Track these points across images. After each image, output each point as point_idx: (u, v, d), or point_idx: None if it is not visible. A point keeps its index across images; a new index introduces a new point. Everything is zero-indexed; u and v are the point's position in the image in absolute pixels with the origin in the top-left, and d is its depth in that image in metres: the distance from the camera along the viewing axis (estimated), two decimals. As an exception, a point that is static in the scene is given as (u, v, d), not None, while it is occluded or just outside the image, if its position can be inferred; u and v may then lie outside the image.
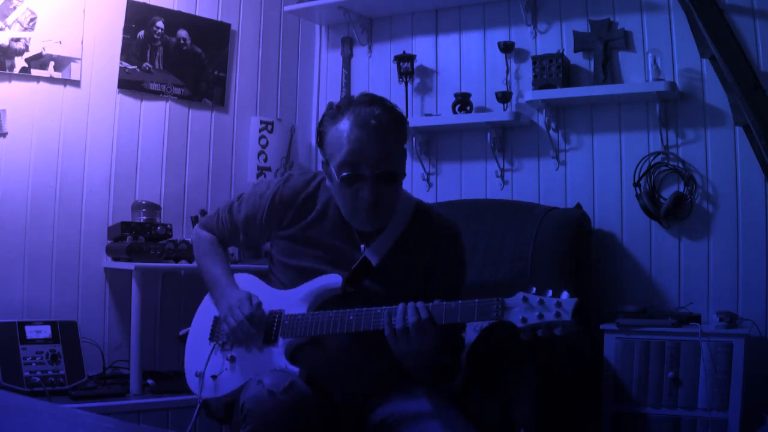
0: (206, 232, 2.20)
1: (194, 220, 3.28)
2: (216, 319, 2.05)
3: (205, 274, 2.13)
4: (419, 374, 1.90)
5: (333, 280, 1.91)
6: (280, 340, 1.89)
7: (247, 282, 2.08)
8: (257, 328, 1.90)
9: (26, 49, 2.98)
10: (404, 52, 3.45)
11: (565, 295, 1.59)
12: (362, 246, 1.94)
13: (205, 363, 1.98)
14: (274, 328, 1.92)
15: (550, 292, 1.60)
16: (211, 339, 2.03)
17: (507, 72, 3.25)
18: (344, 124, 1.85)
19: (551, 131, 3.19)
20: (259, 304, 1.94)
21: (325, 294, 1.92)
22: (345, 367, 1.90)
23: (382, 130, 1.84)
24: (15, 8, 2.95)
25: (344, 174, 1.84)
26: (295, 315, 1.90)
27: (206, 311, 2.11)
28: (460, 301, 1.71)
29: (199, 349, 2.04)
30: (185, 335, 2.13)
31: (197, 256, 2.20)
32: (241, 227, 2.10)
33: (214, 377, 1.95)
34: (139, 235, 2.94)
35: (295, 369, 1.82)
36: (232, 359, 1.94)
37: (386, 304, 1.79)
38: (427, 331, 1.71)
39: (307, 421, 1.71)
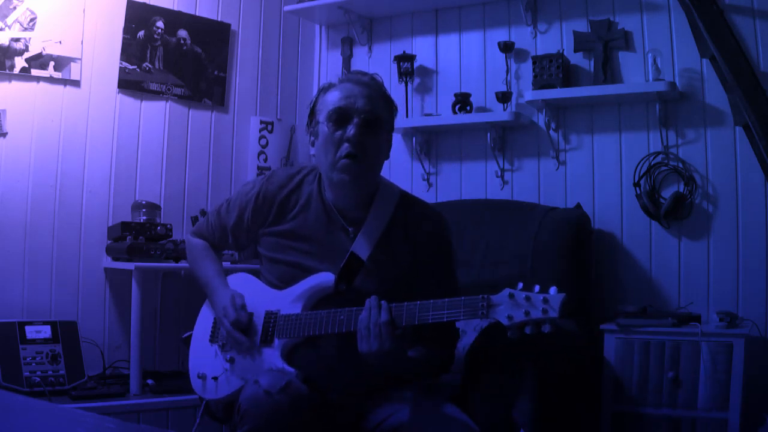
0: (198, 239, 2.20)
1: (194, 220, 3.28)
2: (215, 321, 2.07)
3: (199, 279, 2.14)
4: (391, 372, 1.87)
5: (325, 278, 1.90)
6: (276, 341, 1.90)
7: (242, 281, 2.08)
8: (245, 333, 1.91)
9: (26, 49, 2.98)
10: (404, 52, 3.44)
11: (552, 290, 1.56)
12: (351, 229, 1.92)
13: (207, 364, 1.99)
14: (270, 329, 1.92)
15: (537, 288, 1.57)
16: (211, 340, 2.04)
17: (507, 72, 3.25)
18: (336, 88, 1.93)
19: (551, 131, 3.19)
20: (243, 306, 1.94)
21: (319, 293, 1.91)
22: (340, 366, 1.90)
23: (372, 88, 1.92)
24: (15, 8, 2.95)
25: (331, 117, 1.88)
26: (289, 315, 1.90)
27: (207, 313, 2.12)
28: (446, 300, 1.69)
29: (201, 351, 2.05)
30: (189, 338, 2.14)
31: (190, 263, 2.20)
32: (229, 230, 2.10)
33: (215, 378, 1.96)
34: (139, 235, 2.94)
35: (292, 369, 1.83)
36: (232, 360, 1.95)
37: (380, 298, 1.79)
38: (383, 334, 1.70)
39: (304, 421, 1.70)
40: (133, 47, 3.25)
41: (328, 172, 1.91)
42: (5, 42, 2.93)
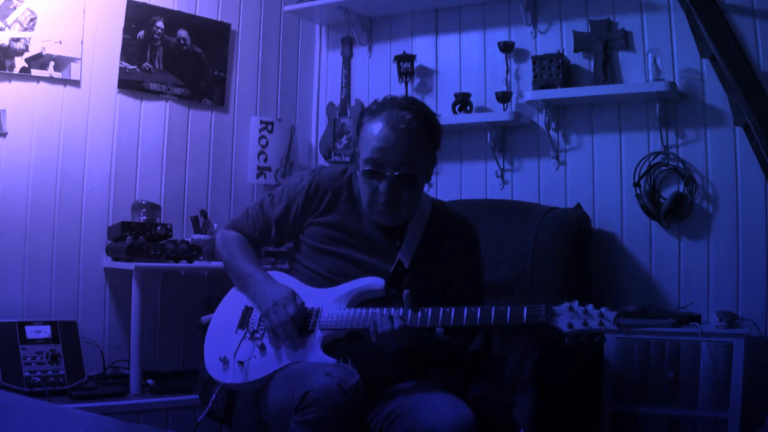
0: (234, 232, 2.18)
1: (194, 221, 3.28)
2: (246, 309, 2.06)
3: (236, 270, 2.11)
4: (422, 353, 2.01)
5: (375, 282, 1.97)
6: (318, 332, 1.94)
7: (282, 280, 2.08)
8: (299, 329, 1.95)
9: (26, 49, 2.98)
10: (404, 52, 3.45)
11: (604, 308, 1.73)
12: (397, 243, 2.03)
13: (233, 348, 1.99)
14: (312, 320, 1.96)
15: (591, 306, 1.74)
16: (240, 326, 2.04)
17: (507, 72, 3.25)
18: (377, 123, 1.96)
19: (551, 131, 3.19)
20: (303, 303, 1.98)
21: (366, 295, 1.98)
22: (376, 356, 1.93)
23: (411, 135, 1.95)
24: (15, 8, 2.95)
25: (366, 168, 1.96)
26: (332, 311, 1.95)
27: (234, 301, 2.11)
28: (509, 306, 1.81)
29: (225, 335, 2.04)
30: (207, 323, 2.13)
31: (225, 255, 2.16)
32: (274, 221, 2.12)
33: (241, 363, 1.96)
34: (139, 235, 2.94)
35: (352, 366, 1.87)
36: (263, 347, 1.97)
37: (422, 301, 1.88)
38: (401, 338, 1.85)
39: (360, 417, 1.81)
40: (133, 47, 3.25)
41: (365, 206, 2.01)
42: (5, 42, 2.93)
